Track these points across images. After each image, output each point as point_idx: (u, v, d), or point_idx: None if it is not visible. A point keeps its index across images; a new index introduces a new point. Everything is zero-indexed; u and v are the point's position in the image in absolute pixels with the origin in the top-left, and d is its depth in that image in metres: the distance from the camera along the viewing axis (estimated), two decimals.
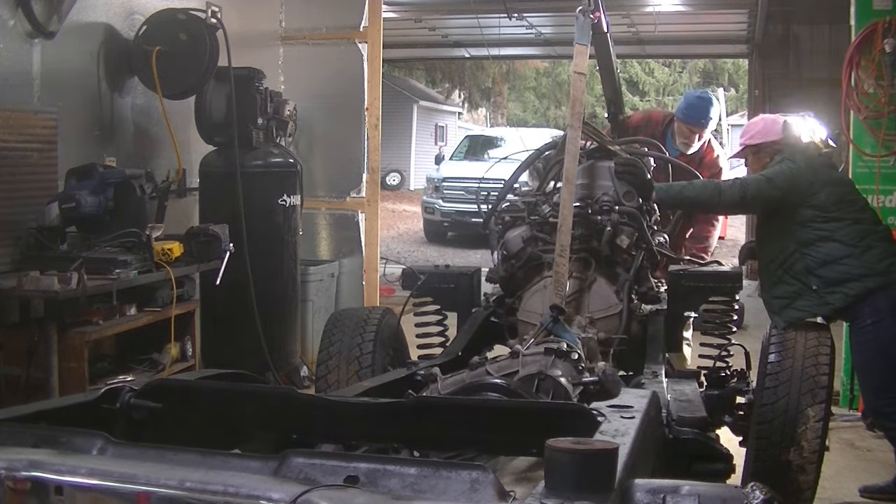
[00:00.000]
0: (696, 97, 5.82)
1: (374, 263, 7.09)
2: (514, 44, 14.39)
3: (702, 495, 1.64)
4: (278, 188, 6.03)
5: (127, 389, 2.59)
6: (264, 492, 1.67)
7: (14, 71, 4.75)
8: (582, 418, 2.35)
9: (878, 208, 5.89)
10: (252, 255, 5.59)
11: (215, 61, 5.51)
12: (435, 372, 3.40)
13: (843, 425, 5.70)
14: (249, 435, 2.81)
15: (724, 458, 3.01)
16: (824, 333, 3.90)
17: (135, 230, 4.85)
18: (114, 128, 5.58)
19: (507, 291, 4.37)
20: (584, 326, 3.91)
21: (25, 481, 1.78)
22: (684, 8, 11.81)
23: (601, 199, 4.26)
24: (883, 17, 5.88)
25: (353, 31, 7.07)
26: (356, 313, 4.41)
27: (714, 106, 5.70)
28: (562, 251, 3.74)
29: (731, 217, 12.64)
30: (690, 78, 31.18)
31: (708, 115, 5.64)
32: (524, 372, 3.27)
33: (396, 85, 26.72)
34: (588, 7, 4.04)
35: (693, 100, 5.78)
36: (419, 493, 1.73)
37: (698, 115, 5.63)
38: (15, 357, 4.48)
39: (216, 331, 5.79)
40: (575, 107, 3.99)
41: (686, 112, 5.68)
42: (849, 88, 6.00)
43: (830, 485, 4.57)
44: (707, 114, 5.64)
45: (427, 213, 17.73)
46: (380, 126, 7.07)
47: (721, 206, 4.59)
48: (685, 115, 5.67)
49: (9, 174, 4.64)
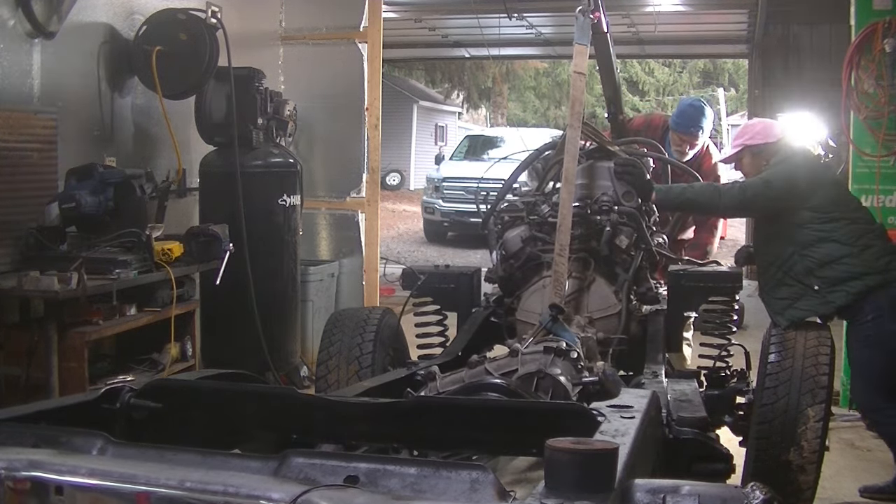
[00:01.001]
0: (687, 105, 5.72)
1: (374, 263, 7.09)
2: (514, 44, 14.39)
3: (702, 495, 1.64)
4: (278, 188, 6.03)
5: (127, 389, 2.59)
6: (264, 492, 1.67)
7: (14, 71, 4.75)
8: (582, 418, 2.35)
9: (879, 208, 5.90)
10: (252, 255, 5.59)
11: (215, 61, 5.51)
12: (434, 371, 3.40)
13: (843, 425, 5.70)
14: (249, 435, 2.81)
15: (724, 458, 3.00)
16: (824, 333, 3.90)
17: (135, 230, 4.85)
18: (114, 128, 5.58)
19: (506, 291, 4.37)
20: (584, 326, 3.91)
21: (25, 481, 1.78)
22: (684, 8, 11.81)
23: (600, 200, 4.27)
24: (883, 17, 5.87)
25: (353, 31, 7.07)
26: (356, 313, 4.41)
27: (706, 115, 5.60)
28: (561, 251, 3.74)
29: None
30: (690, 78, 31.17)
31: (699, 123, 5.54)
32: (523, 370, 3.27)
33: (396, 85, 26.72)
34: (588, 7, 4.04)
35: (684, 108, 5.69)
36: (419, 493, 1.73)
37: (688, 124, 5.56)
38: (15, 357, 4.48)
39: (216, 331, 5.79)
40: (574, 107, 3.99)
41: (677, 120, 5.62)
42: (849, 88, 6.00)
43: (830, 485, 4.57)
44: (698, 123, 5.54)
45: (427, 213, 17.73)
46: (380, 126, 7.07)
47: (721, 209, 4.57)
48: (676, 123, 5.61)
49: (9, 174, 4.64)
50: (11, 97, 4.72)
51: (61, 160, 4.93)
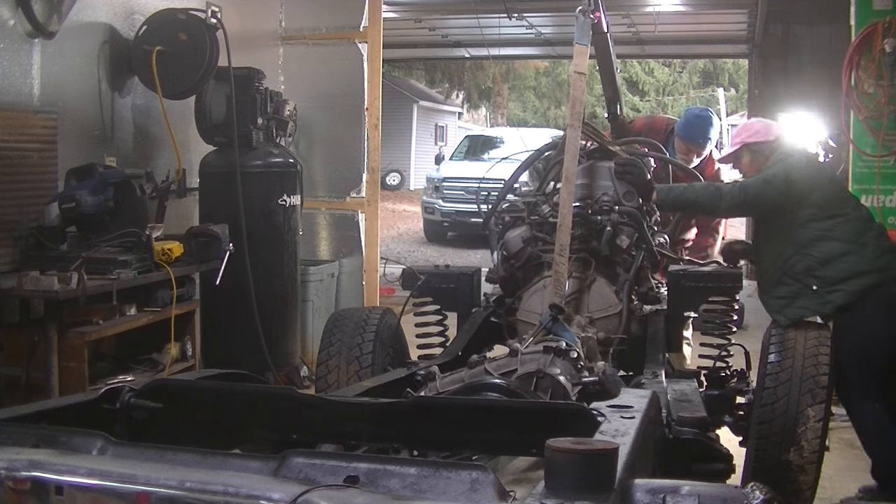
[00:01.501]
0: (695, 115, 5.73)
1: (374, 263, 7.09)
2: (514, 44, 14.39)
3: (702, 495, 1.64)
4: (278, 188, 6.03)
5: (127, 389, 2.59)
6: (264, 492, 1.67)
7: (14, 71, 4.75)
8: (582, 418, 2.35)
9: (878, 208, 5.91)
10: (252, 255, 5.59)
11: (215, 61, 5.51)
12: (433, 370, 3.40)
13: (843, 425, 5.67)
14: (249, 435, 2.81)
15: (724, 458, 3.01)
16: (824, 333, 3.90)
17: (135, 230, 4.85)
18: (114, 128, 5.57)
19: (507, 291, 4.37)
20: (584, 326, 3.91)
21: (25, 481, 1.78)
22: (684, 8, 11.81)
23: (601, 199, 4.27)
24: (883, 17, 5.88)
25: (353, 31, 7.06)
26: (356, 313, 4.41)
27: (714, 125, 5.63)
28: (561, 250, 3.74)
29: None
30: (690, 78, 31.17)
31: (707, 134, 5.58)
32: (523, 370, 3.28)
33: (396, 85, 26.72)
34: (588, 7, 4.04)
35: (692, 118, 5.70)
36: (419, 493, 1.73)
37: (696, 135, 5.58)
38: (15, 357, 4.48)
39: (216, 331, 5.78)
40: (575, 107, 4.00)
41: (684, 131, 5.63)
42: (849, 88, 6.00)
43: (830, 485, 4.57)
44: (706, 133, 5.58)
45: (427, 213, 17.73)
46: (380, 126, 7.07)
47: (722, 209, 4.54)
48: (684, 133, 5.62)
49: (9, 174, 4.64)
50: (11, 97, 4.72)
51: (61, 160, 4.93)
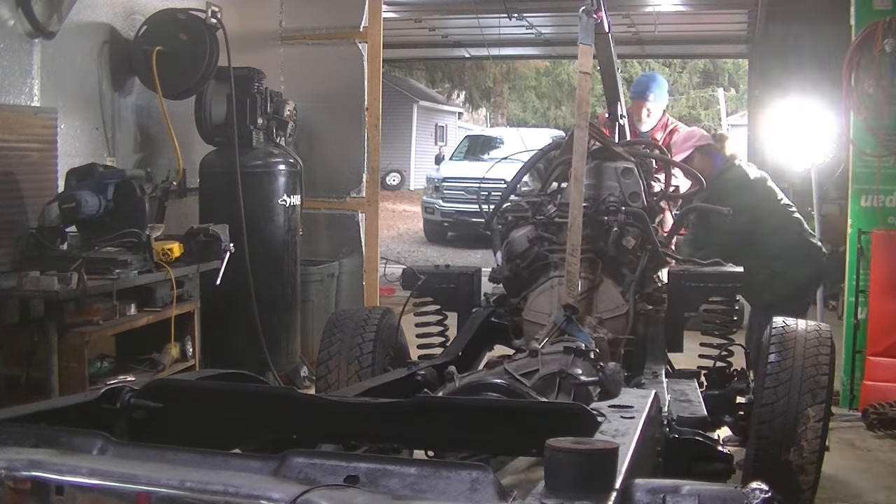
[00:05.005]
0: (642, 76, 6.77)
1: (374, 263, 7.09)
2: (514, 44, 14.38)
3: (702, 495, 1.63)
4: (278, 188, 6.03)
5: (127, 389, 2.58)
6: (264, 492, 1.67)
7: (14, 71, 4.75)
8: (582, 418, 2.34)
9: (878, 208, 5.92)
10: (252, 256, 5.59)
11: (215, 61, 5.51)
12: (452, 371, 3.36)
13: (843, 425, 5.69)
14: (249, 435, 2.81)
15: (724, 458, 3.00)
16: (824, 333, 3.90)
17: (135, 230, 4.84)
18: (114, 128, 5.58)
19: (511, 291, 4.35)
20: (595, 327, 3.89)
21: (25, 481, 1.78)
22: (684, 8, 11.80)
23: (607, 200, 4.26)
24: (883, 17, 5.87)
25: (353, 31, 7.06)
26: (356, 313, 4.40)
27: (657, 81, 6.56)
28: (573, 251, 3.73)
29: None
30: (690, 78, 31.16)
31: (649, 89, 6.41)
32: (545, 371, 3.23)
33: (396, 85, 26.71)
34: (591, 7, 4.03)
35: (639, 78, 6.81)
36: (419, 493, 1.73)
37: (640, 89, 6.44)
38: (15, 357, 4.48)
39: (216, 331, 5.78)
40: (581, 107, 3.99)
41: (632, 89, 6.56)
42: (849, 88, 6.00)
43: (830, 485, 4.57)
44: (648, 88, 6.42)
45: (427, 213, 17.73)
46: (380, 126, 7.07)
47: (733, 234, 5.25)
48: (632, 91, 6.51)
49: (9, 174, 4.64)
50: (11, 97, 4.72)
51: (61, 160, 4.93)
